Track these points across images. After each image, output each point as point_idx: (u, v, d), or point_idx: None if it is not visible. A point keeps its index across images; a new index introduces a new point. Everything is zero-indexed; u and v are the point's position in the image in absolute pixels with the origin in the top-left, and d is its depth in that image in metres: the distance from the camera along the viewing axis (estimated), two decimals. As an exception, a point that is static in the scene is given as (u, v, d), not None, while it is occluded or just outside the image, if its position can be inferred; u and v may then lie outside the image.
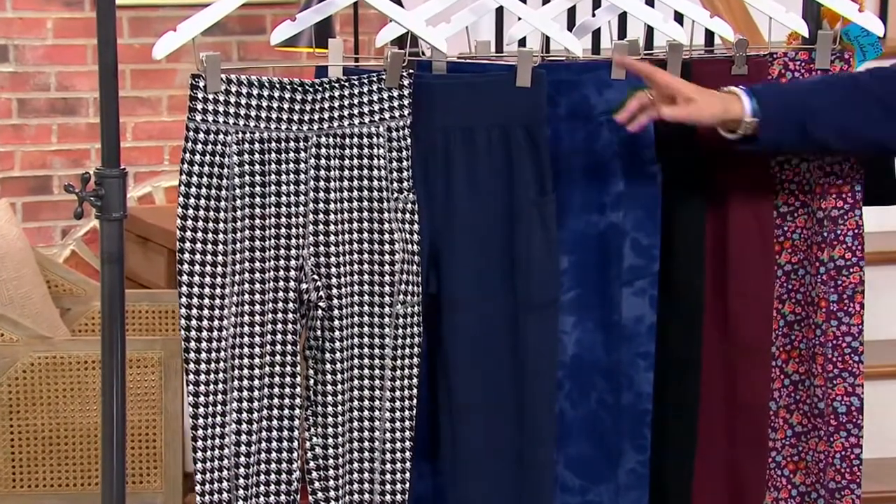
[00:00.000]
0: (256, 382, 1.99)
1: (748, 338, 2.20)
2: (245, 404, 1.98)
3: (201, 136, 1.93)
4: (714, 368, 2.19)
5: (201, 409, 1.97)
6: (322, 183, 1.99)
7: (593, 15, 2.26)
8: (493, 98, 2.03)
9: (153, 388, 3.10)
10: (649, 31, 2.20)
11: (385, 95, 1.99)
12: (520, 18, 2.11)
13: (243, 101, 1.95)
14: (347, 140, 2.00)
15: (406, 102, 2.00)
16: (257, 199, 1.97)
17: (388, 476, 2.05)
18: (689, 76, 2.12)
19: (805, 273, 2.23)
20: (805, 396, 2.25)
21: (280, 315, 1.99)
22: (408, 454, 2.06)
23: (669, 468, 2.19)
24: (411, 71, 2.01)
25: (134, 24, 4.29)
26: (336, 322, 2.01)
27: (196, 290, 1.95)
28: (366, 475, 2.05)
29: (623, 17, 3.23)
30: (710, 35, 3.03)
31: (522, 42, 2.56)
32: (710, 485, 2.21)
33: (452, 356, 2.06)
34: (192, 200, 1.94)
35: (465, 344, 2.05)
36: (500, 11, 3.52)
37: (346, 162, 2.00)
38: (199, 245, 1.95)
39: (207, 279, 1.95)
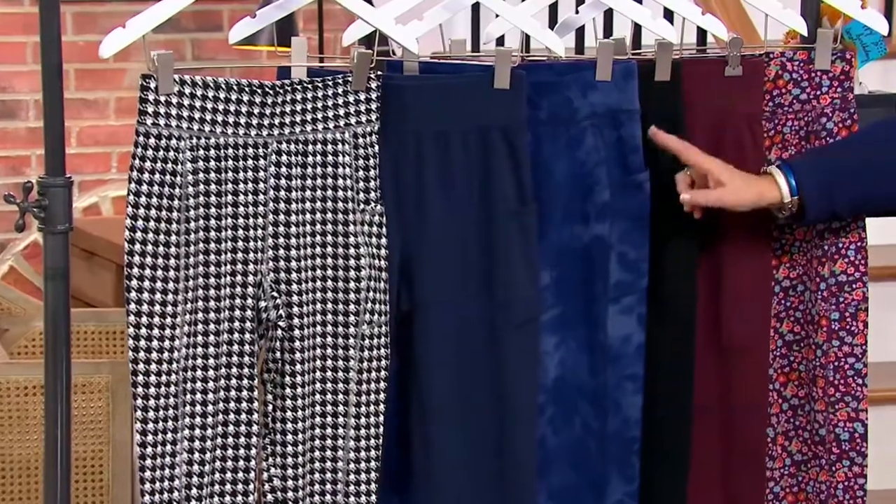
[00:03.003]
0: (210, 408, 1.98)
1: (744, 361, 2.21)
2: (197, 432, 1.98)
3: (152, 141, 1.93)
4: (708, 392, 2.20)
5: (150, 437, 1.96)
6: (283, 193, 2.00)
7: (576, 12, 2.26)
8: (468, 100, 2.04)
9: (100, 415, 3.10)
10: (637, 28, 2.21)
11: (351, 99, 2.00)
12: (497, 15, 2.12)
13: (198, 104, 1.95)
14: (310, 147, 2.00)
15: (374, 107, 2.00)
16: (213, 210, 1.97)
17: (352, 509, 2.05)
18: (679, 77, 2.14)
19: (804, 289, 2.24)
20: (805, 422, 2.26)
21: (236, 335, 1.99)
22: (373, 486, 2.06)
23: (660, 499, 2.20)
24: (380, 73, 2.01)
25: (78, 19, 4.30)
26: (297, 343, 2.01)
27: (145, 308, 1.95)
28: (329, 508, 2.05)
29: (609, 14, 3.24)
30: (702, 33, 3.05)
31: (500, 41, 2.57)
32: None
33: (425, 379, 2.06)
34: (141, 211, 1.94)
35: (440, 366, 2.06)
36: (475, 8, 3.53)
37: (309, 170, 2.00)
38: (149, 259, 1.94)
39: (158, 296, 1.95)
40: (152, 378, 1.96)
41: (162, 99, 1.93)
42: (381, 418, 2.05)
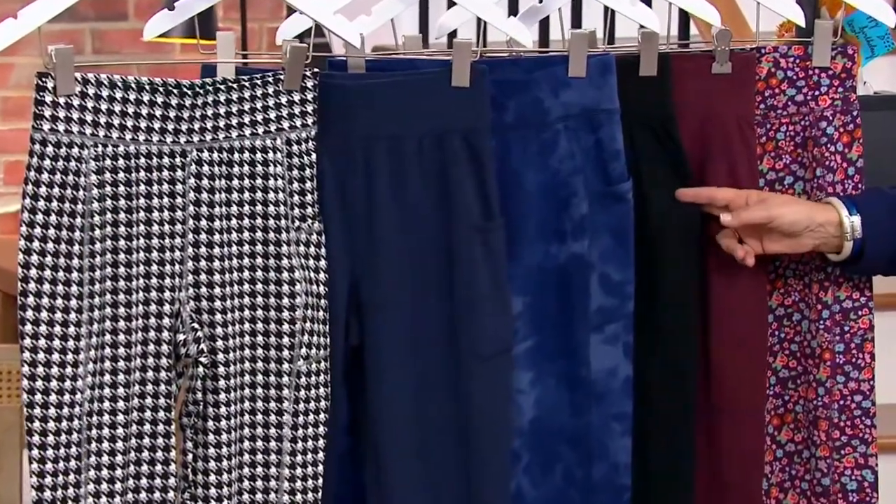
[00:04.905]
0: (119, 459, 1.97)
1: (735, 400, 2.20)
2: (104, 486, 1.97)
3: (50, 149, 1.92)
4: (696, 436, 2.20)
5: (47, 494, 1.94)
6: (204, 209, 1.98)
7: (540, 1, 2.25)
8: (423, 101, 2.03)
9: (-17, 469, 3.07)
10: (611, 18, 2.21)
11: (283, 101, 1.99)
12: (452, 3, 2.11)
13: (103, 107, 1.94)
14: (236, 155, 1.99)
15: (310, 109, 2.00)
16: (122, 230, 1.95)
17: (286, 576, 2.04)
18: (668, 70, 2.13)
19: (802, 318, 2.24)
20: (803, 471, 2.26)
21: (150, 374, 1.98)
22: (311, 549, 2.05)
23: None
24: (316, 70, 2.00)
25: (-43, 10, 4.26)
26: (221, 382, 2.00)
27: (43, 343, 1.93)
28: (259, 576, 2.03)
29: (577, 2, 3.26)
30: (683, 25, 3.06)
31: (453, 35, 2.57)
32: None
33: (380, 426, 2.05)
34: (38, 231, 1.92)
35: (397, 410, 2.05)
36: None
37: (235, 183, 1.99)
38: (47, 287, 1.93)
39: (58, 329, 1.93)
40: (51, 424, 1.93)
41: (61, 101, 1.92)
42: (321, 469, 2.03)
